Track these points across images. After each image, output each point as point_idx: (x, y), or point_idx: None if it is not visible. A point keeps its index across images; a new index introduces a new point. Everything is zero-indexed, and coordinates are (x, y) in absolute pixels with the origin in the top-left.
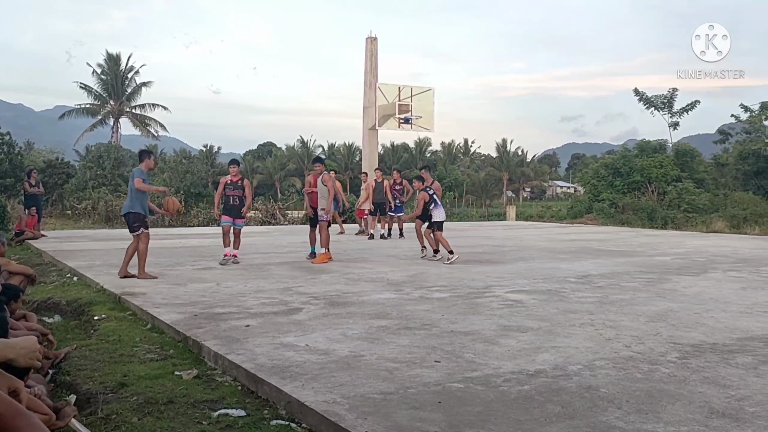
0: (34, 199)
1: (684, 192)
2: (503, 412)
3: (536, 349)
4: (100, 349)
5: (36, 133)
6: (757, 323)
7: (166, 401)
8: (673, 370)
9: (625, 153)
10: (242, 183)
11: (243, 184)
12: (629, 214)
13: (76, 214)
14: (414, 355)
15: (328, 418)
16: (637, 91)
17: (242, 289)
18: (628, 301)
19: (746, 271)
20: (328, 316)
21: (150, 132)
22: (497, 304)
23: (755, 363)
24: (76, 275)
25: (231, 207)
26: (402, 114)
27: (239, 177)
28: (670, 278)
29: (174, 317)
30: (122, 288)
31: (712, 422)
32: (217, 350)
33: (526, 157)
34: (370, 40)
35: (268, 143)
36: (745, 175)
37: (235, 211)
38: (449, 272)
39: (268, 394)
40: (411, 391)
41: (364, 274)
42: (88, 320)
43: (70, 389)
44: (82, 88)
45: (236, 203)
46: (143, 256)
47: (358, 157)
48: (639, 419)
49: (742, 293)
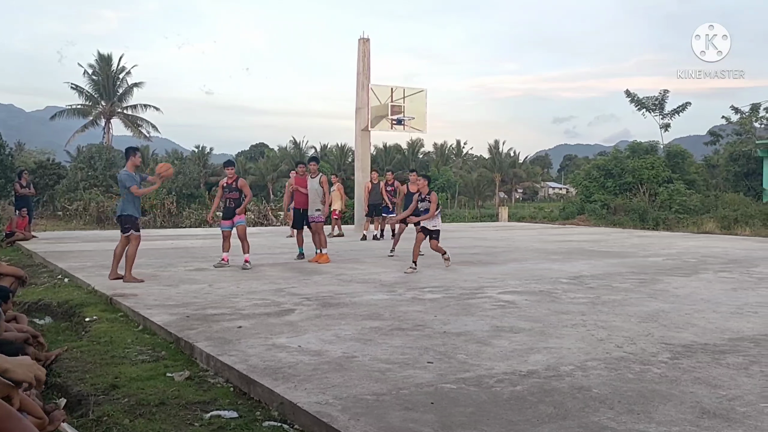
0: (24, 200)
1: (675, 193)
2: (496, 412)
3: (529, 350)
4: (92, 350)
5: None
6: (748, 324)
7: (158, 403)
8: (665, 371)
9: (616, 154)
10: (237, 184)
11: (239, 185)
12: (621, 215)
13: (67, 215)
14: (407, 356)
15: (321, 419)
16: (628, 92)
17: (234, 291)
18: (620, 302)
19: (737, 271)
20: (320, 317)
21: (142, 133)
22: (490, 305)
23: (746, 363)
24: (67, 277)
25: (228, 210)
26: (394, 115)
27: (234, 178)
28: (662, 279)
29: (166, 318)
30: (114, 289)
31: (703, 422)
32: (210, 351)
33: (518, 158)
34: (363, 41)
35: (260, 144)
36: (735, 176)
37: (231, 213)
38: (442, 273)
39: (260, 396)
40: (403, 392)
41: (356, 275)
42: (79, 322)
43: (61, 391)
44: (74, 89)
45: (232, 205)
46: (131, 258)
47: (350, 159)
48: (631, 419)
49: (733, 294)
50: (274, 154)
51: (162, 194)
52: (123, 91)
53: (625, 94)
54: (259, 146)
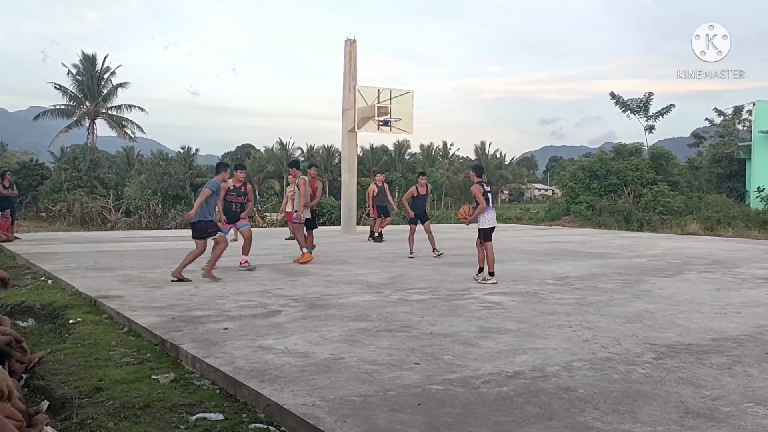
0: (7, 201)
1: (659, 194)
2: (482, 413)
3: (515, 351)
4: (75, 353)
5: (10, 134)
6: (731, 324)
7: (143, 405)
8: (650, 371)
9: (601, 156)
10: (245, 188)
11: (246, 189)
12: (606, 216)
13: (51, 217)
14: (393, 357)
15: (308, 421)
16: (613, 94)
17: (221, 292)
18: (606, 303)
19: (720, 272)
20: (307, 318)
21: (126, 133)
22: (476, 305)
23: (729, 363)
24: (51, 278)
25: (232, 213)
26: (381, 116)
27: (243, 183)
28: (646, 280)
29: (151, 320)
30: (98, 291)
31: (687, 422)
32: (195, 353)
33: (504, 159)
34: (349, 42)
35: (246, 145)
36: (718, 177)
37: (235, 217)
38: (429, 274)
39: (246, 398)
40: (391, 393)
41: (343, 277)
42: (63, 324)
43: (45, 394)
44: (57, 89)
45: (237, 210)
46: (215, 259)
47: (337, 160)
48: (616, 419)
49: (716, 294)
50: (260, 155)
51: (147, 195)
52: (108, 91)
53: (610, 96)
54: (246, 147)
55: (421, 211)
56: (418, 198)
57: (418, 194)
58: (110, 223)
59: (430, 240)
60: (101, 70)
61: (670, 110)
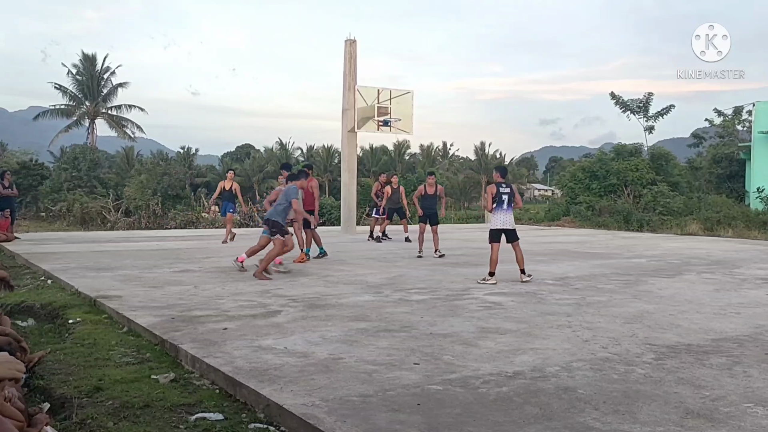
0: (7, 201)
1: (659, 195)
2: (482, 413)
3: (514, 351)
4: (75, 353)
5: (9, 134)
6: (731, 324)
7: (143, 405)
8: (649, 371)
9: (601, 156)
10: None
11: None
12: (606, 216)
13: (51, 216)
14: (393, 357)
15: (307, 421)
16: (613, 95)
17: (220, 292)
18: (605, 303)
19: (719, 272)
20: (306, 318)
21: (126, 133)
22: (476, 306)
23: (729, 364)
24: (51, 278)
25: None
26: (381, 116)
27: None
28: (646, 280)
29: (150, 320)
30: (97, 291)
31: (687, 422)
32: (195, 353)
33: (504, 159)
34: (349, 42)
35: (246, 145)
36: (718, 178)
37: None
38: (428, 275)
39: (246, 398)
40: (390, 393)
41: (343, 277)
42: (62, 324)
43: (44, 394)
44: (57, 89)
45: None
46: (269, 258)
47: (337, 160)
48: (616, 420)
49: (716, 295)
50: (260, 155)
51: (147, 195)
52: (107, 91)
53: (610, 97)
54: (245, 147)
55: (431, 211)
56: (426, 197)
57: (426, 193)
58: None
59: (434, 240)
60: (101, 70)
61: (669, 111)
